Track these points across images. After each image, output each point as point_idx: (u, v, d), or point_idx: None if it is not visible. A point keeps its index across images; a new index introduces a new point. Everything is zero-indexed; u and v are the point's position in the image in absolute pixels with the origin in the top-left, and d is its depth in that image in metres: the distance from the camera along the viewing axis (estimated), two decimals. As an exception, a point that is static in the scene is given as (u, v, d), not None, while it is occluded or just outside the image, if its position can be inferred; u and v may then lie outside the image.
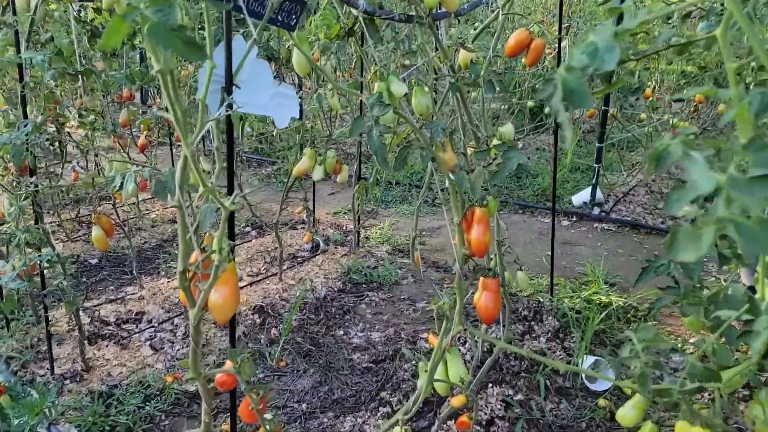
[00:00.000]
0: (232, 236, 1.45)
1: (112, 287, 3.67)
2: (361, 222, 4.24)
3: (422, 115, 1.91)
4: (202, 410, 1.53)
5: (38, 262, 2.27)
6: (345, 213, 5.08)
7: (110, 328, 3.12)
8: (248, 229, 4.67)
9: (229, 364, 1.46)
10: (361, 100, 3.95)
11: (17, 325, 2.90)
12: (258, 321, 3.29)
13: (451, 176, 1.77)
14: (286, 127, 1.89)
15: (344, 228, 4.72)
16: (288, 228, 4.66)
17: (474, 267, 1.95)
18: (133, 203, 4.43)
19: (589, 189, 4.82)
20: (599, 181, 4.71)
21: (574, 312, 3.21)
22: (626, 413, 1.63)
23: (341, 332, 3.23)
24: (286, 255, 4.12)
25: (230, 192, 1.43)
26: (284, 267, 3.89)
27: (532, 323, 3.14)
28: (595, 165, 4.68)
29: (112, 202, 3.72)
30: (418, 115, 1.92)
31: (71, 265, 3.90)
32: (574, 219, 4.84)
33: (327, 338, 3.15)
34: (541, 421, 2.41)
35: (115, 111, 4.21)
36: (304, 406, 2.60)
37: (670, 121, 5.10)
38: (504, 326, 2.26)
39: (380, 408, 2.51)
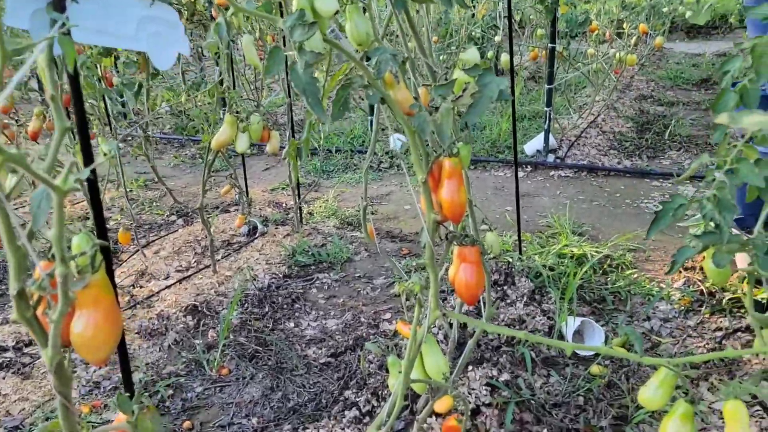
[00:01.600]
0: (102, 233, 0.98)
1: (10, 305, 3.09)
2: (302, 196, 3.78)
3: (361, 45, 1.46)
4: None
5: None
6: (283, 188, 4.59)
7: (8, 354, 2.57)
8: (173, 217, 4.12)
9: (121, 417, 1.00)
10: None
11: None
12: (192, 323, 2.81)
13: (408, 121, 1.35)
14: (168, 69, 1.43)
15: (284, 205, 4.24)
16: (220, 212, 4.14)
17: (446, 234, 1.55)
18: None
19: (542, 136, 4.51)
20: (551, 127, 4.40)
21: (547, 270, 2.88)
22: (652, 395, 1.28)
23: (291, 324, 2.79)
24: (219, 243, 3.62)
25: (87, 163, 0.96)
26: (218, 257, 3.40)
27: (505, 287, 2.80)
28: (545, 109, 4.36)
29: None
30: (356, 46, 1.48)
31: (-39, 282, 3.28)
32: (529, 169, 4.52)
33: (275, 334, 2.71)
34: (533, 402, 2.07)
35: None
36: (254, 420, 2.17)
37: (617, 56, 4.82)
38: (486, 303, 1.89)
39: (346, 412, 2.11)
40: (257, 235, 3.70)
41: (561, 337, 2.40)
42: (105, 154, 2.87)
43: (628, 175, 4.30)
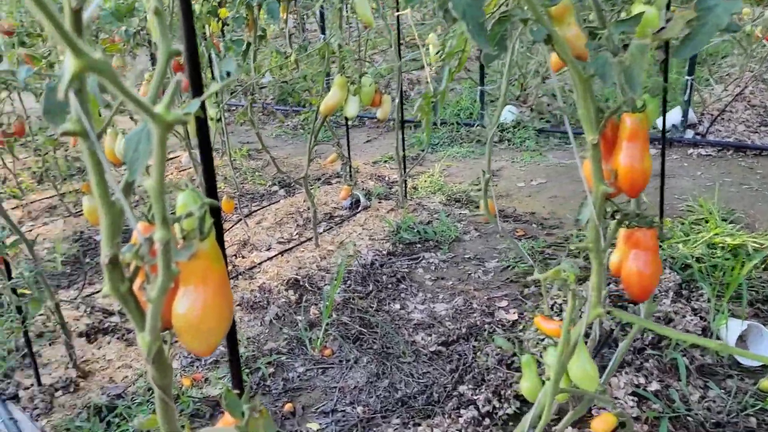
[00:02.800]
0: (213, 193, 0.78)
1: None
2: (407, 170, 3.55)
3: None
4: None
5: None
6: (386, 161, 4.38)
7: (113, 319, 2.54)
8: (275, 188, 4.02)
9: (228, 420, 0.81)
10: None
11: (0, 323, 2.34)
12: (293, 298, 2.66)
13: (579, 65, 1.05)
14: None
15: (387, 179, 4.03)
16: (321, 183, 4.00)
17: (613, 213, 1.24)
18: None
19: (678, 109, 3.98)
20: (692, 99, 3.86)
21: (695, 261, 2.47)
22: None
23: (397, 306, 2.58)
24: (321, 215, 3.47)
25: (196, 93, 0.75)
26: (320, 230, 3.25)
27: (641, 280, 2.42)
28: (686, 78, 3.83)
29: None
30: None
31: (74, 243, 3.34)
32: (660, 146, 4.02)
33: (380, 315, 2.51)
34: (690, 418, 1.73)
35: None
36: (359, 409, 1.98)
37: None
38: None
39: (461, 410, 1.87)
40: (360, 208, 3.52)
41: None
42: (211, 119, 2.76)
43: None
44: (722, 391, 1.84)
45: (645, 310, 1.53)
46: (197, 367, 2.26)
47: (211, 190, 0.74)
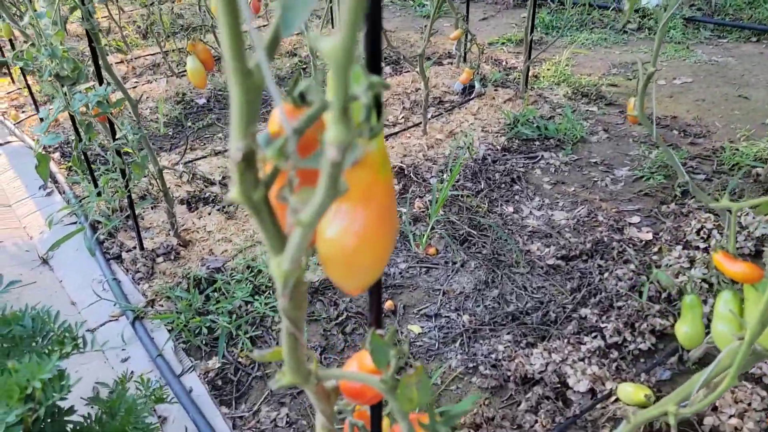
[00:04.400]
0: (376, 64, 0.53)
1: (221, 135, 3.00)
2: (531, 55, 3.13)
3: None
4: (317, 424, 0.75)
5: (88, 103, 1.54)
6: (503, 44, 3.94)
7: (214, 189, 2.46)
8: (382, 65, 3.72)
9: (365, 361, 0.63)
10: None
11: (106, 181, 2.31)
12: (397, 188, 2.48)
13: None
14: None
15: (504, 63, 3.62)
16: (432, 63, 3.65)
17: None
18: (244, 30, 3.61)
19: None
20: None
21: None
22: None
23: (510, 209, 2.34)
24: (430, 99, 3.18)
25: None
26: (429, 115, 2.98)
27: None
28: None
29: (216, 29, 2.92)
30: None
31: (176, 105, 3.26)
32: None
33: (491, 217, 2.28)
34: None
35: None
36: (465, 318, 1.82)
37: None
38: None
39: (583, 336, 1.67)
40: (473, 95, 3.19)
41: None
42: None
43: None
44: None
45: None
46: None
47: (375, 61, 0.50)
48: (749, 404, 1.34)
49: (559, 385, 1.50)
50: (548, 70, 3.44)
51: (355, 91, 0.46)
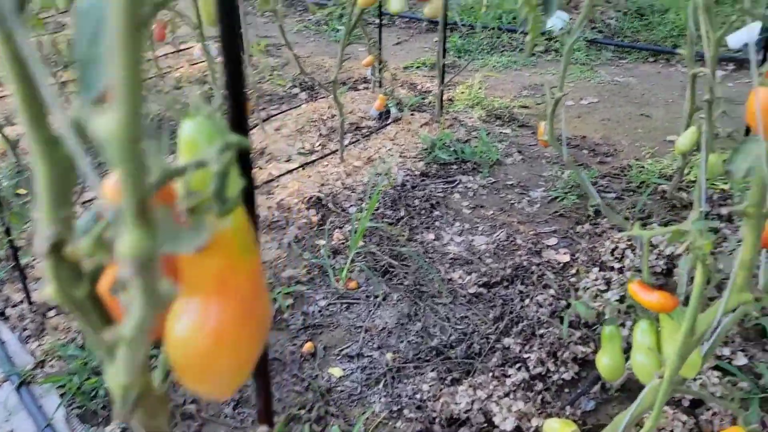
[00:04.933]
0: (239, 114, 0.45)
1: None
2: (445, 80, 3.14)
3: None
4: None
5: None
6: (418, 67, 3.96)
7: (115, 231, 2.28)
8: (296, 90, 3.64)
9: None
10: None
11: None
12: (315, 219, 2.39)
13: None
14: None
15: (420, 87, 3.63)
16: (347, 88, 3.61)
17: None
18: (148, 59, 3.43)
19: (756, 25, 3.45)
20: (775, 15, 3.35)
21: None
22: None
23: (431, 236, 2.30)
24: (347, 125, 3.12)
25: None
26: (346, 142, 2.92)
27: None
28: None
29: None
30: None
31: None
32: (731, 68, 3.57)
33: (412, 245, 2.23)
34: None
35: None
36: (388, 356, 1.75)
37: None
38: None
39: (508, 368, 1.63)
40: (390, 120, 3.16)
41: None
42: None
43: None
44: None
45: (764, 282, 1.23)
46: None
47: (238, 111, 0.42)
48: (671, 431, 1.33)
49: (485, 425, 1.45)
50: (462, 93, 3.48)
51: (204, 155, 0.37)
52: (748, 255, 0.86)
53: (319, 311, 1.95)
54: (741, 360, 1.53)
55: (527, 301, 1.87)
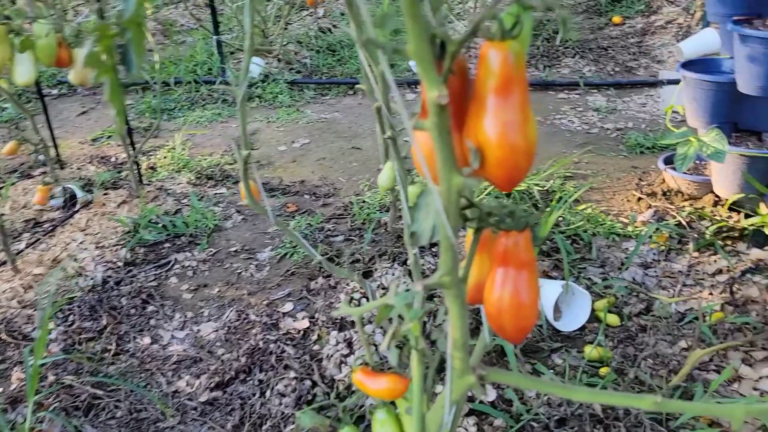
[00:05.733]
0: None
1: None
2: (137, 145, 2.73)
3: None
4: None
5: None
6: (110, 137, 3.45)
7: None
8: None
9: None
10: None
11: None
12: (-19, 364, 1.79)
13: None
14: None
15: (114, 160, 3.14)
16: (18, 177, 2.94)
17: (464, 208, 0.75)
18: None
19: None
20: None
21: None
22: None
23: (146, 340, 1.89)
24: (20, 224, 2.51)
25: None
26: (20, 245, 2.32)
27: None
28: None
29: None
30: None
31: None
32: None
33: (122, 360, 1.79)
34: (534, 424, 1.43)
35: None
36: None
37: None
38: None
39: (258, 489, 1.32)
40: (77, 206, 2.63)
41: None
42: None
43: (530, 88, 3.74)
44: (552, 372, 1.59)
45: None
46: None
47: None
48: None
49: None
50: (165, 157, 3.09)
51: None
52: (458, 332, 0.69)
53: (-4, 498, 1.40)
54: (491, 394, 1.45)
55: (268, 393, 1.59)
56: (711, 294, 1.82)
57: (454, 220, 0.65)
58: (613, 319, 1.76)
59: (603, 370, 1.56)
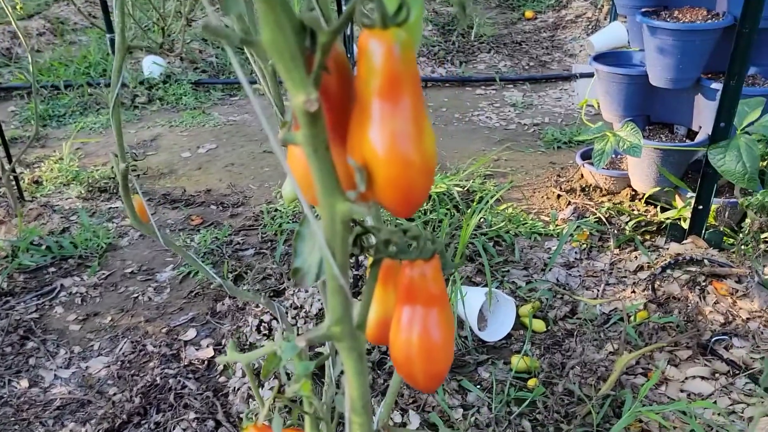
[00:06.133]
0: None
1: None
2: (15, 157, 2.41)
3: None
4: None
5: None
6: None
7: None
8: None
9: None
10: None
11: None
12: None
13: None
14: None
15: (-10, 174, 2.79)
16: None
17: (358, 236, 0.60)
18: None
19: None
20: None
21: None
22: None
23: (24, 383, 1.64)
24: None
25: None
26: None
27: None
28: None
29: None
30: None
31: None
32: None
33: (-8, 412, 1.54)
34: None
35: None
36: None
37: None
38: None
39: None
40: (-56, 230, 2.29)
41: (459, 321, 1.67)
42: None
43: (447, 84, 3.68)
44: (479, 388, 1.49)
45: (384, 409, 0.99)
46: None
47: None
48: None
49: None
50: (52, 170, 2.78)
51: None
52: (356, 391, 0.55)
53: None
54: (415, 420, 1.33)
55: (167, 439, 1.39)
56: (634, 292, 1.78)
57: (342, 255, 0.50)
58: (538, 325, 1.68)
59: (531, 382, 1.47)
